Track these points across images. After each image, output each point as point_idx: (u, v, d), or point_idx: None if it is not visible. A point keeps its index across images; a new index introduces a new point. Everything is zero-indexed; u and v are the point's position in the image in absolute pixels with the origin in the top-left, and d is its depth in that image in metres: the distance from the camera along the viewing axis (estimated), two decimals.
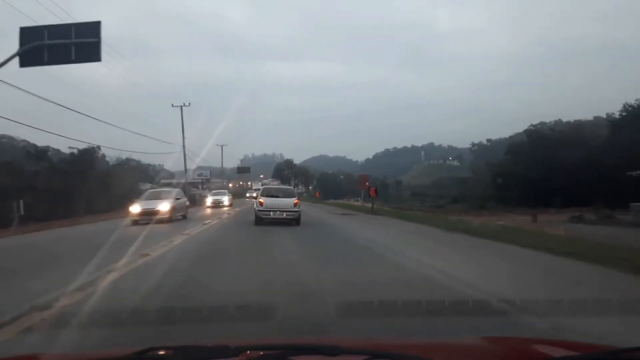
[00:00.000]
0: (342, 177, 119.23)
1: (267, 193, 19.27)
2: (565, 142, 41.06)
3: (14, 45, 16.14)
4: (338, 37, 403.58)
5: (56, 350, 3.81)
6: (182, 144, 49.57)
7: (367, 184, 33.14)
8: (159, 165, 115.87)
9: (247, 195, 69.66)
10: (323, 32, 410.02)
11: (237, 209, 31.51)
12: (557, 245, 10.17)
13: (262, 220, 17.62)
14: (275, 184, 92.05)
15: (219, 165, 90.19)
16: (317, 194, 56.48)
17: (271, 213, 17.63)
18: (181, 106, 47.14)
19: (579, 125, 46.67)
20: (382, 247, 11.50)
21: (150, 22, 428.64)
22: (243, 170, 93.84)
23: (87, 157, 44.77)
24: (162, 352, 1.66)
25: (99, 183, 46.98)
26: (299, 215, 18.14)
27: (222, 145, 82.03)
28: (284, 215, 17.62)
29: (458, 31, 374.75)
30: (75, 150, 46.43)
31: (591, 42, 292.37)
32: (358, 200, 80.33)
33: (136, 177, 69.79)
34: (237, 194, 76.89)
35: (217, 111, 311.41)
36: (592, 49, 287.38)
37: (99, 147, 46.63)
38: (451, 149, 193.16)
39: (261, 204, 18.03)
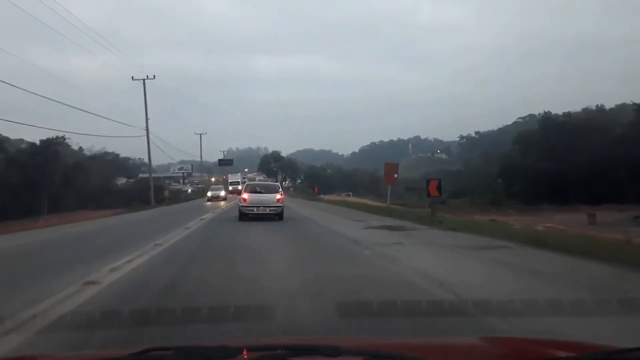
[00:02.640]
0: (329, 170, 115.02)
1: (251, 189, 19.51)
2: (584, 131, 37.29)
3: None
4: (322, 30, 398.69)
5: None
6: (146, 128, 41.85)
7: (395, 176, 25.37)
8: (139, 159, 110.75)
9: (210, 194, 45.16)
10: (307, 25, 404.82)
11: None
12: None
13: (245, 216, 18.00)
14: (260, 179, 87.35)
15: (203, 159, 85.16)
16: (315, 189, 48.69)
17: (255, 209, 18.06)
18: (143, 80, 40.36)
19: (599, 112, 42.67)
20: None
21: (127, 13, 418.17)
22: (225, 163, 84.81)
23: (51, 149, 39.78)
24: (161, 353, 1.65)
25: (66, 177, 42.32)
26: (282, 210, 18.70)
27: (200, 134, 75.21)
28: (267, 210, 18.08)
29: (442, 25, 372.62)
30: (37, 141, 41.68)
31: (577, 36, 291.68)
32: (350, 195, 76.09)
33: (111, 170, 64.77)
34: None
35: (199, 104, 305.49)
36: (578, 43, 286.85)
37: (63, 138, 41.65)
38: (437, 142, 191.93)
39: (245, 200, 18.37)
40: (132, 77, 40.15)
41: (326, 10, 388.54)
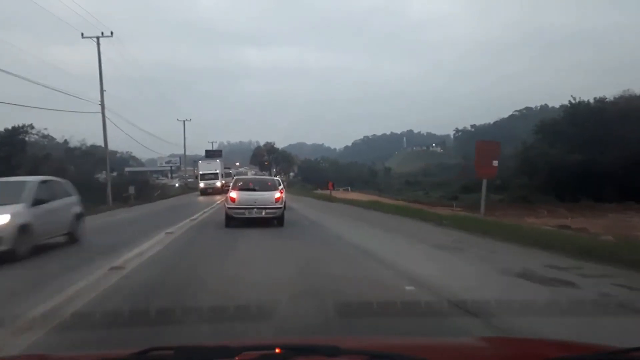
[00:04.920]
0: (324, 164, 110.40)
1: (241, 186, 15.92)
2: (621, 118, 33.18)
3: None
4: (313, 23, 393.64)
5: None
6: (101, 102, 32.77)
7: (495, 163, 15.72)
8: (127, 152, 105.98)
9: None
10: (297, 18, 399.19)
11: None
12: None
13: (233, 220, 14.79)
14: (252, 173, 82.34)
15: (194, 152, 79.87)
16: (330, 185, 38.03)
17: (246, 212, 14.67)
18: (97, 37, 32.12)
19: None
20: None
21: (114, 3, 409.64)
22: (213, 154, 75.55)
23: (16, 139, 34.80)
24: (162, 353, 1.63)
25: (35, 171, 37.50)
26: (282, 212, 15.20)
27: (184, 121, 68.71)
28: (263, 213, 14.72)
29: (433, 18, 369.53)
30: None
31: (565, 30, 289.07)
32: (348, 190, 70.86)
33: (93, 164, 59.81)
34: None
35: (189, 98, 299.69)
36: (566, 37, 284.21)
37: (31, 126, 36.75)
38: (430, 135, 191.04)
39: (233, 200, 14.87)
40: (82, 35, 31.72)
41: (317, 2, 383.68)
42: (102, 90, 32.63)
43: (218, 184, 46.32)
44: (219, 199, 32.43)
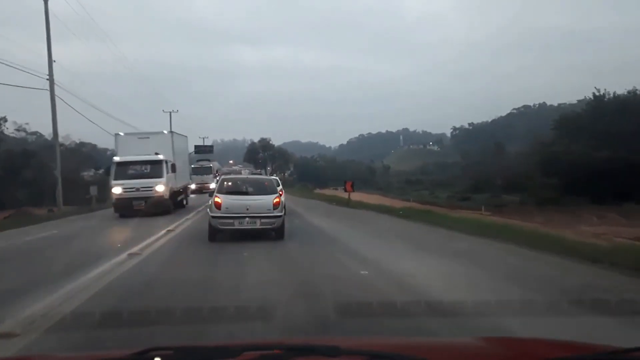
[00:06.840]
0: (321, 162, 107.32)
1: (229, 187, 12.86)
2: None
3: None
4: (308, 22, 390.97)
5: None
6: (50, 73, 26.91)
7: None
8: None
9: None
10: (292, 16, 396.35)
11: None
12: None
13: (219, 232, 11.90)
14: (247, 172, 77.86)
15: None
16: (348, 186, 29.65)
17: (236, 222, 11.74)
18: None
19: None
20: None
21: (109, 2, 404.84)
22: (204, 150, 66.31)
23: None
24: (162, 353, 1.61)
25: (11, 168, 34.51)
26: (282, 221, 12.11)
27: (170, 112, 62.85)
28: (258, 223, 11.75)
29: (428, 18, 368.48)
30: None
31: (563, 31, 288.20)
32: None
33: (80, 162, 56.52)
34: None
35: (182, 95, 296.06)
36: (564, 38, 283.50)
37: (4, 119, 33.45)
38: (426, 134, 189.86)
39: (218, 205, 11.90)
40: None
41: (315, 2, 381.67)
42: (50, 62, 26.79)
43: (160, 188, 20.93)
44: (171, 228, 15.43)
